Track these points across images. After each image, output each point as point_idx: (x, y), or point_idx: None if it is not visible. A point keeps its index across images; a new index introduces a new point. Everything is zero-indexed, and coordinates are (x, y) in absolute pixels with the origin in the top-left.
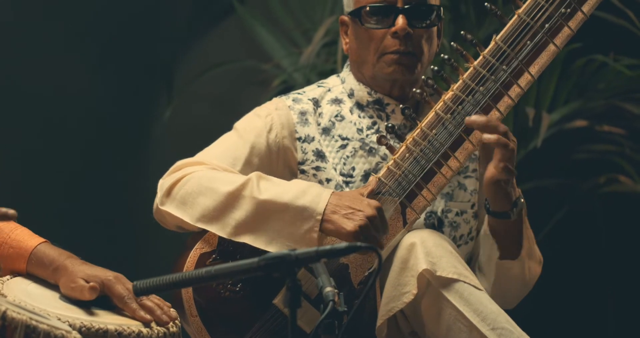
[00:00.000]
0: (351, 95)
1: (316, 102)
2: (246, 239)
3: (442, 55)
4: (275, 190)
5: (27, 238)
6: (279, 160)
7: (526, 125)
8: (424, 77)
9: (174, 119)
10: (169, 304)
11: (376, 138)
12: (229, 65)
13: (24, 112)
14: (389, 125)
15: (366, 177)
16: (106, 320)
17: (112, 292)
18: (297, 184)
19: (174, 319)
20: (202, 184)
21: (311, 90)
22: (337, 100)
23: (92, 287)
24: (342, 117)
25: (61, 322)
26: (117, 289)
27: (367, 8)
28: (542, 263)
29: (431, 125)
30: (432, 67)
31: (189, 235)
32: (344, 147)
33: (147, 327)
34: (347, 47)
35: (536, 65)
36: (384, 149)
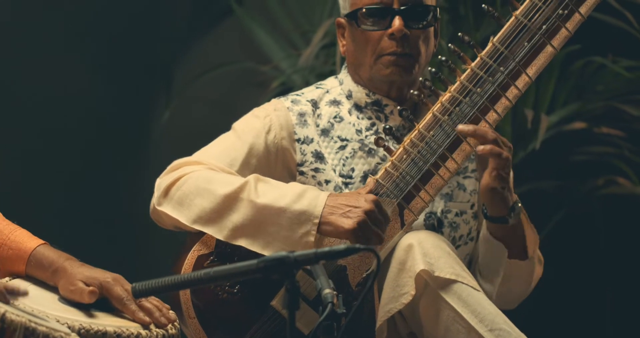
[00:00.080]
0: (349, 96)
1: (315, 104)
2: (242, 242)
3: (440, 56)
4: (273, 193)
5: (26, 239)
6: (277, 161)
7: (525, 127)
8: (421, 78)
9: (173, 120)
10: (167, 306)
11: (374, 140)
12: (227, 67)
13: (24, 112)
14: (387, 126)
15: (365, 178)
16: (105, 322)
17: (110, 293)
18: (294, 187)
19: (172, 321)
20: (199, 185)
21: (309, 92)
22: (335, 102)
23: (92, 291)
24: (341, 119)
25: (60, 324)
26: (115, 291)
27: (364, 10)
28: (542, 264)
29: (429, 126)
30: (430, 68)
31: (187, 236)
32: (343, 148)
33: (145, 329)
34: (344, 49)
35: (533, 66)
36: (383, 150)
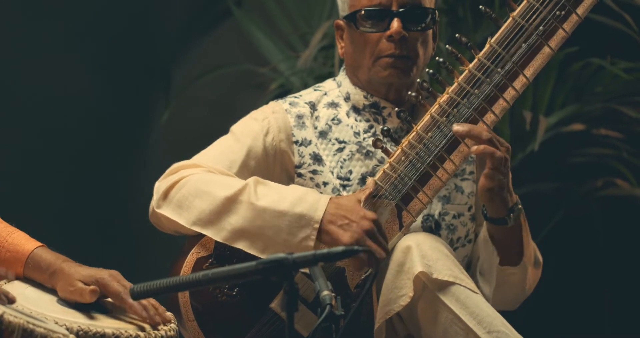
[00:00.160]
0: (347, 98)
1: (313, 106)
2: (241, 245)
3: (437, 58)
4: (272, 196)
5: (24, 242)
6: (275, 163)
7: (523, 128)
8: (419, 80)
9: (172, 122)
10: (163, 308)
11: (372, 141)
12: (226, 69)
13: (24, 112)
14: (384, 128)
15: (363, 180)
16: (103, 324)
17: (108, 289)
18: (294, 190)
19: (166, 321)
20: (199, 187)
21: (308, 94)
22: (333, 104)
23: (93, 290)
24: (339, 121)
25: (58, 326)
26: (112, 286)
27: (362, 12)
28: (541, 265)
29: (427, 128)
30: (428, 70)
31: (186, 239)
32: (341, 150)
33: (144, 331)
34: (343, 51)
35: (531, 67)
36: (381, 152)
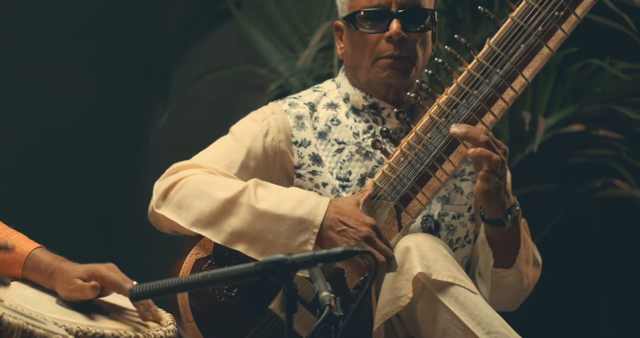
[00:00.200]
0: (346, 99)
1: (312, 107)
2: (240, 248)
3: (436, 59)
4: (272, 199)
5: (22, 243)
6: (275, 164)
7: (522, 129)
8: (418, 81)
9: (171, 123)
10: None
11: (371, 142)
12: (225, 70)
13: (24, 112)
14: (384, 129)
15: (362, 181)
16: (103, 324)
17: (105, 280)
18: (294, 193)
19: (158, 320)
20: (198, 188)
21: (307, 95)
22: (332, 105)
23: (93, 286)
24: (338, 122)
25: (58, 327)
26: (110, 277)
27: (362, 13)
28: (541, 266)
29: (426, 129)
30: (427, 71)
31: (185, 240)
32: (340, 151)
33: (142, 332)
34: (342, 52)
35: (530, 68)
36: (380, 153)
